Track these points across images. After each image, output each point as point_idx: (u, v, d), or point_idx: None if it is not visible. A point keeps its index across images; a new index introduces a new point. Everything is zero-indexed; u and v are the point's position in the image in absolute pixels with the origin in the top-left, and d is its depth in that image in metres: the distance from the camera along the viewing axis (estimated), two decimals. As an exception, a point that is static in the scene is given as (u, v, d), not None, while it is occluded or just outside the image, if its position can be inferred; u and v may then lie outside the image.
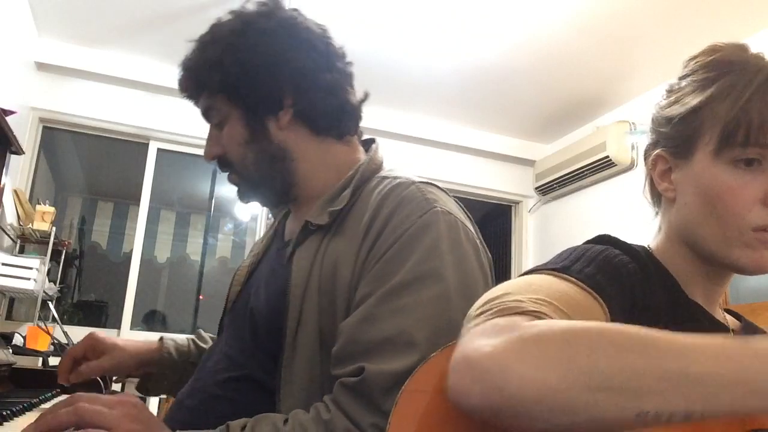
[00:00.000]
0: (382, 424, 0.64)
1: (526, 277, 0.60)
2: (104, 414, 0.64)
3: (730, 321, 0.76)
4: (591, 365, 0.42)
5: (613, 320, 0.57)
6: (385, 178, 0.83)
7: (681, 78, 0.74)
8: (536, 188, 4.09)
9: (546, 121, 3.86)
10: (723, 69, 0.68)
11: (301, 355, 0.76)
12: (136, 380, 1.07)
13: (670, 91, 0.74)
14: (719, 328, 0.71)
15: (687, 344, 0.44)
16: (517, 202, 4.30)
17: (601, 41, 2.94)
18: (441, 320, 0.69)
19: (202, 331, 1.10)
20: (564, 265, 0.61)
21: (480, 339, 0.47)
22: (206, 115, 0.93)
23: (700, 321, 0.68)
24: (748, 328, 0.76)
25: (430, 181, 0.83)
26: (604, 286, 0.59)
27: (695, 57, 0.73)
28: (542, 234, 4.16)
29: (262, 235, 1.07)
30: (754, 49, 0.71)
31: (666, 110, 0.73)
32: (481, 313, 0.52)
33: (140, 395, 1.05)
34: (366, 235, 0.77)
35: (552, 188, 3.97)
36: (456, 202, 0.84)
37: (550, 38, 2.95)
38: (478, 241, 0.80)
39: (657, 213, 0.77)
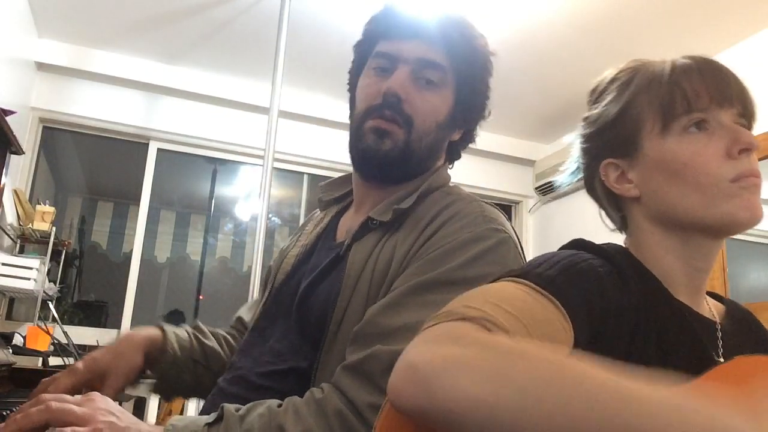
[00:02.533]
0: (380, 402, 0.63)
1: (486, 285, 0.60)
2: (75, 411, 0.64)
3: (714, 307, 0.75)
4: (525, 386, 0.42)
5: (573, 324, 0.56)
6: (449, 194, 0.87)
7: (593, 102, 0.78)
8: (536, 188, 4.10)
9: (546, 121, 3.86)
10: (630, 72, 0.74)
11: (341, 343, 0.76)
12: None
13: (587, 117, 0.78)
14: (704, 323, 0.70)
15: (628, 385, 0.42)
16: (517, 202, 4.31)
17: (600, 41, 2.94)
18: None
19: (200, 324, 1.06)
20: (524, 270, 0.60)
21: (424, 344, 0.48)
22: (423, 64, 0.87)
23: (685, 319, 0.67)
24: (730, 314, 0.75)
25: (493, 203, 0.87)
26: (563, 290, 0.58)
27: (597, 84, 0.79)
28: (542, 234, 4.17)
29: (265, 230, 1.05)
30: (753, 49, 0.73)
31: (594, 126, 0.76)
32: (433, 318, 0.53)
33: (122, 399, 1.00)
34: (419, 237, 0.79)
35: (552, 188, 3.97)
36: (513, 228, 0.86)
37: (550, 38, 2.95)
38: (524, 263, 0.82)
39: (623, 226, 0.77)
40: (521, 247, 0.84)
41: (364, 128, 0.87)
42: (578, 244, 0.69)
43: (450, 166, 0.98)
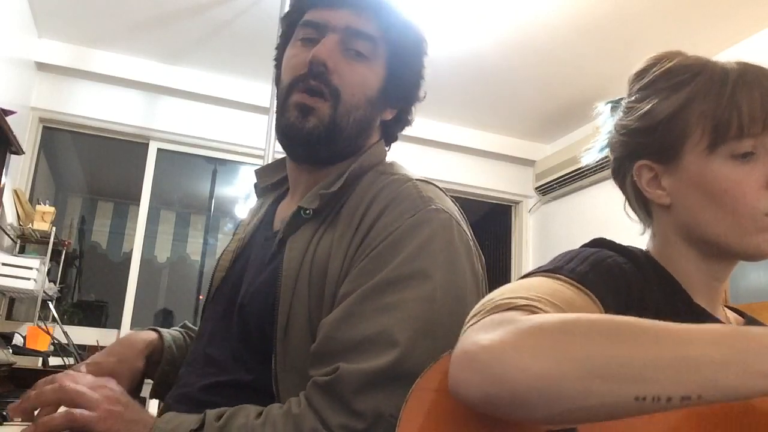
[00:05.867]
0: (352, 424, 0.63)
1: (520, 280, 0.60)
2: (87, 395, 0.66)
3: (733, 318, 0.76)
4: (585, 354, 0.43)
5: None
6: (383, 173, 0.82)
7: (640, 90, 0.74)
8: (536, 188, 4.10)
9: (546, 121, 3.86)
10: (690, 71, 0.70)
11: (293, 351, 0.73)
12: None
13: (632, 105, 0.74)
14: None
15: (680, 330, 0.45)
16: (517, 202, 4.30)
17: (601, 41, 2.94)
18: (424, 321, 0.67)
19: (188, 323, 1.05)
20: (556, 266, 0.61)
21: (477, 334, 0.48)
22: (353, 33, 0.82)
23: (702, 321, 0.67)
24: (752, 324, 0.76)
25: (428, 180, 0.82)
26: (596, 284, 0.59)
27: (647, 69, 0.75)
28: (542, 234, 4.16)
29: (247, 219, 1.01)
30: (753, 49, 0.72)
31: (640, 121, 0.72)
32: (476, 314, 0.53)
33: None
34: (357, 230, 0.74)
35: (552, 188, 3.97)
36: (453, 201, 0.82)
37: (550, 38, 2.95)
38: (471, 243, 0.79)
39: (648, 224, 0.77)
40: (465, 220, 0.81)
41: (289, 103, 0.82)
42: (601, 243, 0.69)
43: (387, 147, 0.93)
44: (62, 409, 0.66)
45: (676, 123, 0.69)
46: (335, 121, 0.81)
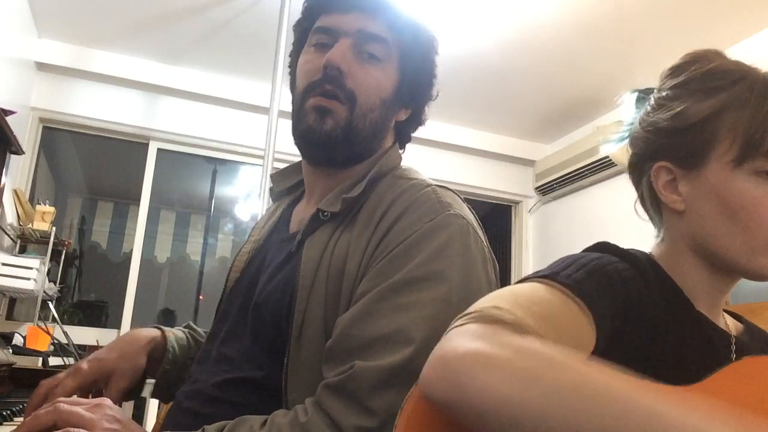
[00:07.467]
0: (368, 423, 0.62)
1: (515, 285, 0.60)
2: (83, 415, 0.64)
3: (731, 324, 0.76)
4: (552, 392, 0.42)
5: (597, 327, 0.57)
6: (400, 177, 0.83)
7: (673, 87, 0.71)
8: (536, 188, 4.10)
9: (546, 121, 3.86)
10: (730, 78, 0.68)
11: (307, 350, 0.74)
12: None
13: (663, 102, 0.72)
14: (722, 336, 0.70)
15: (652, 401, 0.41)
16: (517, 202, 4.30)
17: (601, 41, 2.94)
18: (439, 322, 0.67)
19: (192, 324, 1.05)
20: (553, 272, 0.61)
21: (458, 340, 0.49)
22: (365, 37, 0.83)
23: (703, 328, 0.68)
24: (749, 331, 0.76)
25: (445, 186, 0.83)
26: (590, 292, 0.58)
27: (684, 66, 0.72)
28: (542, 234, 4.17)
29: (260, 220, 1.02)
30: (754, 50, 0.71)
31: (669, 121, 0.70)
32: (464, 315, 0.53)
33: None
34: (375, 231, 0.75)
35: (552, 188, 3.98)
36: (469, 208, 0.83)
37: (550, 38, 2.95)
38: (487, 251, 0.79)
39: (658, 226, 0.75)
40: (481, 227, 0.82)
41: (305, 108, 0.83)
42: (603, 247, 0.68)
43: (401, 149, 0.93)
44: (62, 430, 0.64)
45: (705, 129, 0.67)
46: (352, 124, 0.82)
